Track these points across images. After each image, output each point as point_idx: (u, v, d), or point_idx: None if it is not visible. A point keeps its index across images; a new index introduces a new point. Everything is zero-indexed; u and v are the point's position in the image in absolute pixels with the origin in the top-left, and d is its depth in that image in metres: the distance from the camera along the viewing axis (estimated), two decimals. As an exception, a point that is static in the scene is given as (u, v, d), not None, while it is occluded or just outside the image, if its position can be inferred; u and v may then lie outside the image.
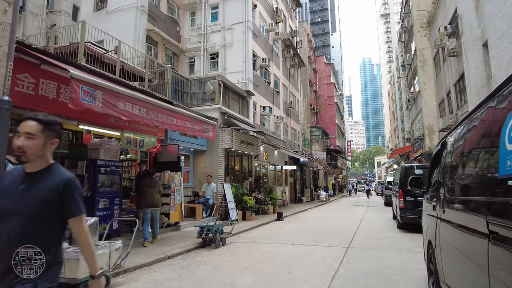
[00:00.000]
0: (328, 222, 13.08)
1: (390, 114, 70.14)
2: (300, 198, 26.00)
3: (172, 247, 7.72)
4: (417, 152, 25.85)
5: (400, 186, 10.20)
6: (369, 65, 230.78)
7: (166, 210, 9.98)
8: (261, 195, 15.34)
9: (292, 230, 10.82)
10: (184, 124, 8.58)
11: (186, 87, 14.03)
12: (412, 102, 27.97)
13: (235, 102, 15.39)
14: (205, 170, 13.28)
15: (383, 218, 14.18)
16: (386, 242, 8.24)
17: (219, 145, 13.23)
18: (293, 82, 26.88)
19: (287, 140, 23.85)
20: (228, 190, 12.20)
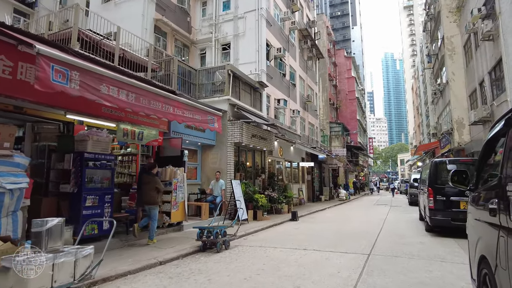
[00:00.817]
0: (347, 223, 11.93)
1: (414, 109, 67.40)
2: (318, 196, 24.80)
3: (168, 250, 6.85)
4: (444, 148, 24.11)
5: (429, 184, 8.95)
6: (391, 60, 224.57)
7: (168, 208, 9.17)
8: (274, 193, 14.33)
9: (306, 232, 9.77)
10: (183, 114, 7.67)
11: (193, 78, 13.19)
12: (438, 95, 26.16)
13: (246, 94, 14.43)
14: (213, 166, 12.42)
15: (409, 219, 12.88)
16: (414, 249, 7.07)
17: (228, 139, 12.32)
18: (311, 75, 25.64)
19: (304, 136, 22.71)
20: (237, 188, 11.27)
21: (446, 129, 21.74)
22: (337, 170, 35.04)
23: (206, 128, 8.68)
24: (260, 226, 10.61)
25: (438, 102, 27.08)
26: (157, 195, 7.44)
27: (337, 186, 31.73)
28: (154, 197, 7.44)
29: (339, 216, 14.69)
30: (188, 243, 7.57)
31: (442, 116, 25.35)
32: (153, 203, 7.46)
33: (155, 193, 7.40)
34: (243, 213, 11.17)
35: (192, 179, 12.47)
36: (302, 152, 21.50)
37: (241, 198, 11.28)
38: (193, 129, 11.34)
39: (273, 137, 15.33)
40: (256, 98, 15.28)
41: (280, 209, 14.35)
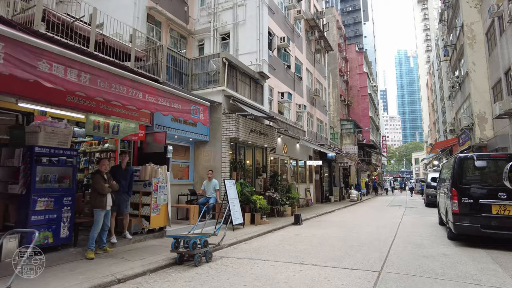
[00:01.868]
0: (356, 228, 10.56)
1: (429, 106, 65.01)
2: (327, 197, 23.39)
3: (134, 264, 5.67)
4: (463, 144, 22.37)
5: (452, 184, 7.54)
6: (405, 57, 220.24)
7: (147, 212, 8.01)
8: (276, 194, 13.06)
9: (308, 239, 8.47)
10: (157, 101, 6.48)
11: (186, 68, 12.03)
12: (457, 88, 24.39)
13: (245, 86, 13.19)
14: (207, 164, 11.23)
15: (427, 224, 11.43)
16: (437, 264, 5.71)
17: (223, 134, 11.11)
18: (319, 68, 24.23)
19: (311, 133, 21.33)
20: (230, 188, 10.04)
21: (466, 124, 20.04)
22: (348, 169, 33.46)
23: (189, 120, 7.48)
24: (257, 231, 9.36)
25: (456, 96, 25.30)
26: (95, 196, 6.13)
27: (348, 186, 30.21)
28: (92, 199, 6.15)
29: (348, 219, 13.31)
30: (163, 254, 6.38)
31: (460, 111, 23.59)
32: (92, 206, 6.20)
33: (95, 194, 6.15)
34: (239, 217, 9.94)
35: (183, 179, 11.32)
36: (310, 150, 20.14)
37: (235, 200, 10.05)
38: (182, 123, 10.17)
39: (275, 133, 14.05)
40: (256, 91, 14.02)
41: (283, 212, 13.07)
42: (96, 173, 6.28)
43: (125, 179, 7.18)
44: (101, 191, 5.96)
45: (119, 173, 7.14)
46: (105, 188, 5.99)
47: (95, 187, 6.06)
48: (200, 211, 10.37)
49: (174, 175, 11.08)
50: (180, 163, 11.44)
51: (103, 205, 5.93)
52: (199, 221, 8.87)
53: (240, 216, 9.97)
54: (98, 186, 6.02)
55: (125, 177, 7.20)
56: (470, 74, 19.64)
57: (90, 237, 5.95)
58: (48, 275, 4.79)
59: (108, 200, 6.08)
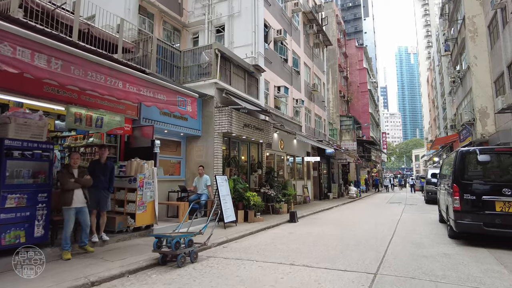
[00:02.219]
0: (354, 226, 10.18)
1: (430, 102, 64.54)
2: (326, 194, 23.00)
3: (113, 265, 5.29)
4: (464, 140, 21.95)
5: (454, 180, 7.14)
6: (405, 54, 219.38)
7: (132, 209, 7.62)
8: (272, 191, 12.67)
9: (302, 238, 8.08)
10: (139, 92, 6.07)
11: (177, 60, 11.60)
12: (458, 83, 23.94)
13: (239, 79, 12.76)
14: (199, 160, 10.83)
15: (427, 221, 11.04)
16: (438, 265, 5.32)
17: (215, 129, 10.70)
18: (318, 63, 23.77)
19: (310, 129, 20.92)
20: (222, 184, 9.65)
21: (467, 119, 19.62)
22: (348, 166, 33.08)
23: (175, 112, 7.06)
24: (249, 229, 8.97)
25: (457, 91, 24.85)
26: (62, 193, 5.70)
27: (348, 183, 29.82)
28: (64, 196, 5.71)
29: (345, 216, 12.92)
30: (146, 254, 5.99)
31: (461, 106, 23.16)
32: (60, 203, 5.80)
33: (61, 190, 5.72)
34: (231, 214, 9.56)
35: (175, 175, 10.93)
36: (307, 146, 19.74)
37: (227, 197, 9.66)
38: (172, 117, 9.76)
39: (271, 128, 13.64)
40: (251, 84, 13.60)
41: (278, 209, 12.68)
42: (64, 167, 5.90)
43: (104, 174, 6.77)
44: (66, 186, 5.56)
45: (98, 168, 6.74)
46: (69, 183, 5.57)
47: (60, 182, 5.70)
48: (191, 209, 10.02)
49: (165, 171, 10.70)
50: (171, 158, 11.05)
51: (68, 202, 5.52)
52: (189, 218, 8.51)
53: (232, 214, 9.58)
54: (62, 181, 5.66)
55: (105, 172, 6.79)
56: (472, 68, 19.20)
57: (63, 237, 5.57)
58: (11, 279, 4.41)
59: (77, 197, 5.65)
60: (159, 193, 9.99)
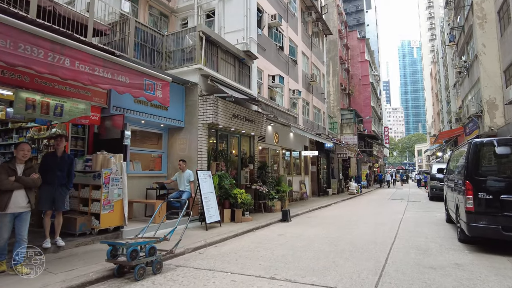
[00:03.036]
0: (351, 226, 9.21)
1: (433, 96, 63.26)
2: (325, 190, 22.04)
3: (54, 278, 4.35)
4: (471, 134, 20.88)
5: (466, 176, 6.14)
6: (408, 48, 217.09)
7: (97, 209, 6.68)
8: (264, 187, 11.71)
9: (292, 241, 7.12)
10: (93, 71, 5.11)
11: (159, 45, 10.59)
12: (464, 74, 22.79)
13: (228, 66, 11.75)
14: (181, 154, 9.87)
15: (432, 221, 10.06)
16: (449, 281, 4.35)
17: (199, 119, 9.72)
18: (317, 53, 22.67)
19: (308, 121, 19.89)
20: (205, 181, 8.68)
21: (474, 111, 18.53)
22: (348, 161, 32.08)
23: (140, 97, 6.07)
24: (234, 231, 8.03)
25: (463, 82, 23.71)
26: None
27: (348, 178, 28.85)
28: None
29: (343, 214, 11.96)
30: (101, 264, 5.05)
31: (468, 98, 22.05)
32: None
33: None
34: (214, 214, 8.60)
35: (155, 170, 9.97)
36: (305, 139, 18.74)
37: (211, 195, 8.70)
38: (149, 106, 8.78)
39: (264, 120, 12.64)
40: (242, 72, 12.58)
41: (271, 207, 11.73)
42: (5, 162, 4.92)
43: (61, 169, 5.82)
44: (1, 186, 4.55)
45: (54, 162, 5.79)
46: (5, 182, 4.55)
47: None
48: (172, 208, 9.09)
49: (144, 166, 9.76)
50: (151, 152, 10.10)
51: (1, 205, 4.50)
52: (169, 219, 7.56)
53: (216, 213, 8.62)
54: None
55: (61, 166, 5.84)
56: (480, 57, 18.07)
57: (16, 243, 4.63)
58: None
59: (16, 200, 4.58)
60: (136, 190, 9.09)
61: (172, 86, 9.76)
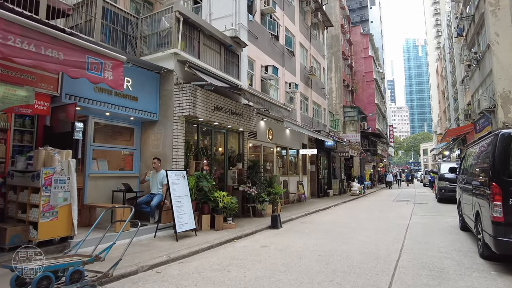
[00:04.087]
0: (349, 234, 7.93)
1: (439, 94, 61.53)
2: (325, 191, 20.73)
3: None
4: (482, 130, 19.46)
5: (492, 176, 4.85)
6: (413, 46, 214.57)
7: (35, 217, 5.47)
8: (253, 189, 10.47)
9: (273, 258, 5.86)
10: (5, 41, 3.91)
11: (133, 29, 9.38)
12: (474, 67, 21.36)
13: (213, 54, 10.51)
14: (155, 151, 8.66)
15: (444, 228, 8.73)
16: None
17: (175, 111, 8.49)
18: (317, 46, 21.35)
19: (307, 118, 18.60)
20: (177, 182, 7.43)
21: (486, 106, 17.14)
22: (351, 160, 30.73)
23: (79, 77, 4.85)
24: (210, 241, 6.79)
25: (473, 76, 22.27)
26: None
27: (351, 179, 27.51)
28: None
29: (342, 219, 10.68)
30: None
31: (478, 92, 20.62)
32: None
33: None
34: (189, 221, 7.36)
35: (126, 170, 8.77)
36: (303, 137, 17.46)
37: (184, 199, 7.45)
38: (114, 95, 7.57)
39: (254, 113, 11.39)
40: (230, 61, 11.33)
41: (261, 211, 10.47)
42: None
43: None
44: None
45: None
46: None
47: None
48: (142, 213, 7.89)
49: (114, 165, 8.58)
50: (121, 149, 8.90)
51: None
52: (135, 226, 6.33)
53: (190, 220, 7.38)
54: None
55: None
56: (492, 47, 16.68)
57: None
58: None
59: None
60: (101, 193, 7.89)
61: (144, 74, 8.58)
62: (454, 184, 14.78)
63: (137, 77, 8.22)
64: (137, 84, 8.21)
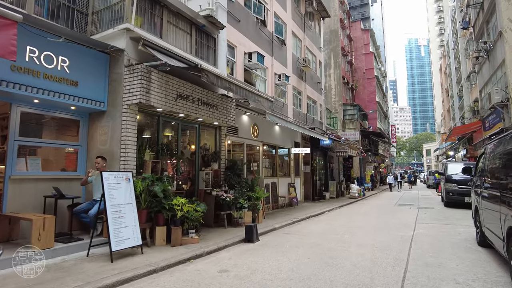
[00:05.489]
0: (338, 251, 6.33)
1: (443, 92, 59.71)
2: (322, 193, 19.11)
3: None
4: (492, 128, 17.82)
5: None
6: (416, 46, 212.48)
7: None
8: (229, 194, 8.90)
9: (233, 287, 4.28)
10: None
11: (82, 4, 7.83)
12: (483, 59, 19.69)
13: (181, 34, 8.95)
14: (103, 148, 7.10)
15: (457, 242, 7.10)
16: None
17: (124, 99, 6.94)
18: (312, 37, 19.75)
19: (300, 114, 17.01)
20: (118, 187, 5.86)
21: (498, 99, 15.48)
22: (351, 161, 29.09)
23: None
24: (155, 264, 5.21)
25: (482, 69, 20.61)
26: None
27: (350, 180, 25.86)
28: None
29: (334, 229, 9.07)
30: None
31: (488, 87, 18.97)
32: None
33: None
34: (128, 236, 5.79)
35: (68, 171, 7.21)
36: (296, 134, 15.87)
37: (126, 207, 5.86)
38: (44, 78, 6.02)
39: (232, 105, 9.83)
40: (204, 45, 9.77)
41: (238, 220, 8.88)
42: None
43: None
44: None
45: None
46: None
47: None
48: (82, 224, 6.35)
49: (51, 166, 7.05)
50: (62, 146, 7.33)
51: None
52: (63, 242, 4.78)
53: (134, 235, 5.80)
54: None
55: None
56: (505, 34, 15.04)
57: None
58: None
59: None
60: (30, 199, 6.34)
61: (88, 54, 6.98)
62: (463, 186, 13.16)
63: (78, 58, 6.67)
64: (77, 65, 6.66)
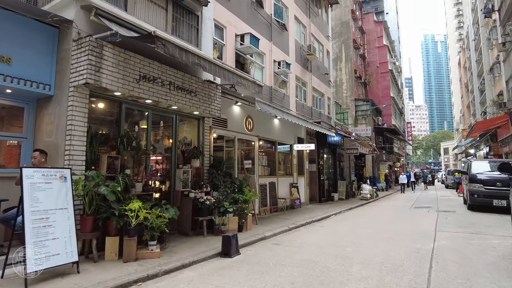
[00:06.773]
0: (334, 276, 4.88)
1: (462, 88, 56.97)
2: (330, 195, 17.55)
3: None
4: (521, 122, 15.92)
5: None
6: (432, 42, 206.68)
7: None
8: (211, 196, 7.54)
9: None
10: None
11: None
12: (510, 47, 17.76)
13: (154, 8, 7.62)
14: (48, 140, 5.83)
15: (493, 258, 5.52)
16: None
17: (71, 79, 5.64)
18: (318, 24, 18.18)
19: (304, 107, 15.51)
20: (47, 188, 4.55)
21: (529, 89, 13.65)
22: (363, 159, 27.32)
23: None
24: (84, 291, 3.88)
25: (509, 57, 18.64)
26: None
27: (363, 180, 24.14)
28: None
29: (337, 239, 7.57)
30: None
31: (515, 76, 17.05)
32: None
33: None
34: (56, 252, 4.47)
35: (8, 168, 5.96)
36: (299, 129, 14.40)
37: (58, 213, 4.55)
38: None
39: (217, 93, 8.45)
40: (185, 23, 8.43)
41: (220, 227, 7.49)
42: None
43: None
44: None
45: None
46: None
47: None
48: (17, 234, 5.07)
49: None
50: (3, 138, 6.09)
51: None
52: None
53: (68, 249, 4.48)
54: None
55: None
56: (537, 13, 13.20)
57: None
58: None
59: None
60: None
61: (28, 26, 5.69)
62: (491, 187, 11.46)
63: (13, 29, 5.41)
64: (11, 39, 5.39)
